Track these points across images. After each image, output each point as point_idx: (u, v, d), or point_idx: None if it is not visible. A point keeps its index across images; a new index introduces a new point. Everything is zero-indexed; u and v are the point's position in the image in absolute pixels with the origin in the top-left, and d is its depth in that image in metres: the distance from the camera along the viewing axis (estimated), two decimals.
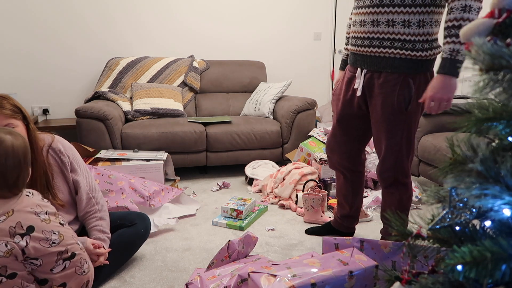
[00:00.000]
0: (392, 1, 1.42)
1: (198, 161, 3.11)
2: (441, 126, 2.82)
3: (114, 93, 3.31)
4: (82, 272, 1.24)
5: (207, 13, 3.95)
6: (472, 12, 1.32)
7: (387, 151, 1.62)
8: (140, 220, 1.81)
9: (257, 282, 1.21)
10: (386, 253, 1.52)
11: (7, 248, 1.06)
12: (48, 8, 3.50)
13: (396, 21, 1.44)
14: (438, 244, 0.82)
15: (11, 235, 1.07)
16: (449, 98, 1.38)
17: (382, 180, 1.71)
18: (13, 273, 1.08)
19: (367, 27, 1.50)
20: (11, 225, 1.08)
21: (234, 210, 2.27)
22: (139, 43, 3.81)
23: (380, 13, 1.45)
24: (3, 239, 1.06)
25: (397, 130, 1.56)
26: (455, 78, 1.36)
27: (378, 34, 1.49)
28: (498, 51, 0.66)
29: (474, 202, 0.68)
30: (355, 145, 1.80)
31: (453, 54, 1.35)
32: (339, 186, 1.95)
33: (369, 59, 1.54)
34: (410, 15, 1.43)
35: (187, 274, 1.72)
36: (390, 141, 1.59)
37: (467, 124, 0.71)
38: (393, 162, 1.63)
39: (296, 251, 1.95)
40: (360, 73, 1.58)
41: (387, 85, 1.51)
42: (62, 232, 1.20)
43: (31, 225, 1.12)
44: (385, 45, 1.48)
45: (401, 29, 1.45)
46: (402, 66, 1.48)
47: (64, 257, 1.18)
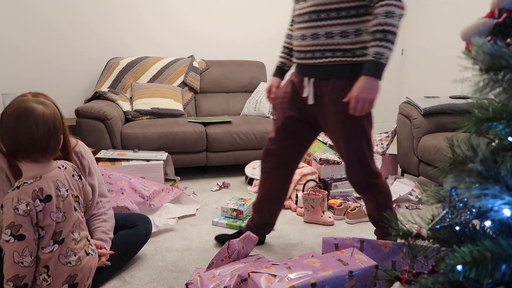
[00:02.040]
0: (328, 14, 1.49)
1: (198, 161, 3.11)
2: (441, 126, 2.82)
3: (114, 93, 3.31)
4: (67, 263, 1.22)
5: (207, 13, 3.95)
6: (394, 18, 1.38)
7: (350, 156, 1.63)
8: (141, 221, 1.81)
9: (257, 282, 1.21)
10: (386, 253, 1.52)
11: (27, 208, 1.13)
12: (48, 8, 3.50)
13: (334, 32, 1.51)
14: (438, 244, 0.82)
15: (33, 198, 1.15)
16: (372, 99, 1.43)
17: (355, 185, 1.70)
18: (22, 235, 1.13)
19: (307, 41, 1.56)
20: (35, 189, 1.16)
21: (234, 210, 2.27)
22: (139, 43, 3.81)
23: (318, 27, 1.52)
24: (26, 200, 1.14)
25: (355, 132, 1.59)
26: (378, 80, 1.41)
27: (319, 46, 1.55)
28: (498, 51, 0.66)
29: (474, 202, 0.68)
30: (296, 150, 1.78)
31: (377, 57, 1.40)
32: (264, 193, 1.87)
33: (315, 68, 1.59)
34: (347, 25, 1.50)
35: (187, 274, 1.72)
36: (351, 145, 1.61)
37: (467, 124, 0.71)
38: (359, 165, 1.64)
39: (296, 251, 1.95)
40: (308, 82, 1.62)
41: (337, 91, 1.55)
42: (67, 215, 1.23)
43: (49, 195, 1.19)
44: (327, 56, 1.54)
45: (340, 39, 1.51)
46: (346, 71, 1.54)
47: (55, 239, 1.21)
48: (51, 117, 1.20)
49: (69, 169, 1.30)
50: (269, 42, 4.20)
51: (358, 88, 1.42)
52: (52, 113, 1.20)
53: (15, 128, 1.14)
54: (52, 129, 1.19)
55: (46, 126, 1.18)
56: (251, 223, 1.97)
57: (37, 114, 1.17)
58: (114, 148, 2.91)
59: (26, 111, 1.16)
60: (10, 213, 1.12)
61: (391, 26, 1.39)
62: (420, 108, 2.84)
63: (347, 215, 2.32)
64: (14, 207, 1.12)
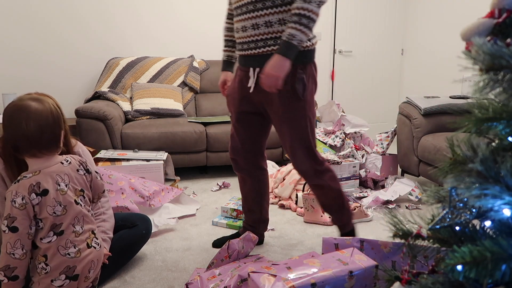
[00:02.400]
0: (264, 4, 1.54)
1: (198, 161, 3.11)
2: (441, 126, 2.82)
3: (114, 93, 3.31)
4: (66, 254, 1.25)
5: (207, 13, 3.95)
6: (311, 3, 1.44)
7: (295, 142, 1.66)
8: (141, 221, 1.81)
9: (257, 282, 1.21)
10: (386, 253, 1.52)
11: (22, 201, 1.18)
12: (48, 8, 3.50)
13: (273, 21, 1.55)
14: (438, 244, 0.82)
15: (29, 192, 1.19)
16: (279, 76, 1.47)
17: (303, 173, 1.72)
18: (15, 227, 1.17)
19: (249, 32, 1.61)
20: (32, 183, 1.20)
21: (234, 210, 2.27)
22: (139, 43, 3.81)
23: (257, 17, 1.56)
24: (22, 193, 1.18)
25: (299, 117, 1.63)
26: (288, 60, 1.46)
27: (261, 35, 1.58)
28: (498, 51, 0.66)
29: (474, 202, 0.68)
30: (257, 141, 1.82)
31: (289, 38, 1.45)
32: (247, 191, 1.92)
33: (259, 58, 1.62)
34: (284, 13, 1.55)
35: (187, 274, 1.72)
36: (295, 131, 1.64)
37: (467, 124, 0.71)
38: (306, 152, 1.68)
39: (296, 251, 1.95)
40: (253, 72, 1.65)
41: None
42: (68, 208, 1.26)
43: (46, 189, 1.22)
44: (269, 44, 1.58)
45: (279, 27, 1.56)
46: None
47: (55, 230, 1.24)
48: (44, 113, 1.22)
49: (74, 163, 1.32)
50: None
51: (269, 66, 1.47)
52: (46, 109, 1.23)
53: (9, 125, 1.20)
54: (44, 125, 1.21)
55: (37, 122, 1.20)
56: (246, 224, 1.99)
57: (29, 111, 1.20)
58: (114, 148, 2.91)
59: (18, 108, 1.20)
60: (8, 205, 1.18)
61: (306, 10, 1.44)
62: (420, 108, 2.84)
63: None
64: (12, 199, 1.17)
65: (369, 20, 4.54)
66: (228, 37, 1.85)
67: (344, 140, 3.14)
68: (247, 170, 1.87)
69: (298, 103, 1.61)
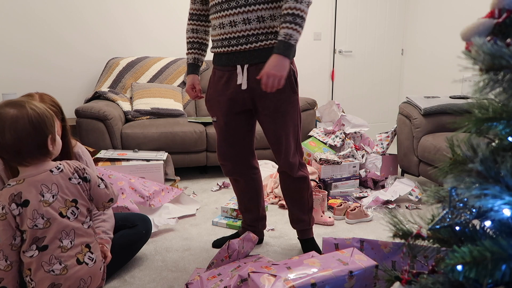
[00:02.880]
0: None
1: (198, 161, 3.11)
2: (441, 126, 2.82)
3: (114, 93, 3.31)
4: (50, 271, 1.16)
5: None
6: (302, 3, 1.48)
7: (289, 134, 1.69)
8: (141, 221, 1.81)
9: (257, 282, 1.21)
10: (386, 253, 1.52)
11: (2, 211, 1.12)
12: (48, 8, 3.50)
13: (265, 16, 1.56)
14: (438, 244, 0.82)
15: (10, 202, 1.12)
16: (281, 76, 1.49)
17: (292, 167, 1.74)
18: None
19: (238, 27, 1.58)
20: (13, 192, 1.13)
21: (234, 210, 2.27)
22: (139, 43, 3.81)
23: (249, 12, 1.56)
24: (3, 203, 1.12)
25: (294, 111, 1.67)
26: (287, 59, 1.49)
27: (252, 30, 1.58)
28: (498, 51, 0.66)
29: (474, 202, 0.68)
30: (246, 141, 1.81)
31: (286, 38, 1.48)
32: (241, 192, 1.92)
33: (249, 53, 1.61)
34: (275, 10, 1.57)
35: (187, 274, 1.72)
36: (290, 124, 1.67)
37: (467, 124, 0.71)
38: (296, 145, 1.73)
39: (296, 251, 1.95)
40: (241, 69, 1.63)
41: None
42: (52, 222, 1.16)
43: (27, 200, 1.14)
44: (261, 39, 1.58)
45: (270, 22, 1.58)
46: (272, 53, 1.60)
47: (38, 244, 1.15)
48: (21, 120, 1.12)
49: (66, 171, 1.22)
50: None
51: (269, 65, 1.48)
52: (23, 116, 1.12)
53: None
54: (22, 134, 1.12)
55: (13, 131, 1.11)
56: (244, 224, 2.00)
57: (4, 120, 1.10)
58: (114, 148, 2.91)
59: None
60: None
61: (299, 10, 1.48)
62: (420, 108, 2.84)
63: (347, 215, 2.32)
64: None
65: (369, 20, 4.54)
66: (192, 39, 1.80)
67: (344, 140, 3.14)
68: (239, 172, 1.86)
69: (294, 96, 1.66)
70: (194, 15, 1.78)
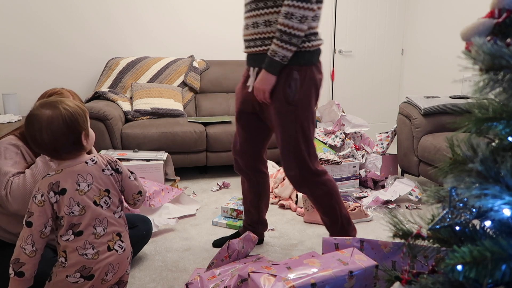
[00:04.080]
0: (266, 3, 1.52)
1: (198, 161, 3.11)
2: (441, 126, 2.82)
3: (114, 93, 3.31)
4: (83, 254, 1.26)
5: (208, 13, 3.95)
6: (293, 19, 1.43)
7: (284, 147, 1.63)
8: (141, 222, 1.82)
9: (257, 282, 1.21)
10: (386, 253, 1.52)
11: (41, 198, 1.20)
12: (48, 8, 3.50)
13: (271, 20, 1.53)
14: (438, 244, 0.82)
15: (48, 190, 1.21)
16: (264, 89, 1.53)
17: (290, 180, 1.69)
18: (29, 222, 1.19)
19: (250, 30, 1.61)
20: (51, 181, 1.22)
21: (234, 210, 2.27)
22: (139, 43, 3.81)
23: (258, 16, 1.56)
24: (42, 190, 1.20)
25: (288, 122, 1.58)
26: (271, 75, 1.51)
27: (259, 34, 1.58)
28: (498, 51, 0.66)
29: (474, 202, 0.68)
30: (256, 143, 1.80)
31: (271, 54, 1.49)
32: (245, 193, 1.94)
33: (257, 57, 1.62)
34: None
35: (187, 274, 1.72)
36: (285, 135, 1.60)
37: (467, 124, 0.71)
38: (294, 159, 1.62)
39: (296, 251, 1.95)
40: (253, 71, 1.65)
41: None
42: (86, 209, 1.26)
43: (64, 188, 1.23)
44: (266, 44, 1.57)
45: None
46: None
47: (74, 230, 1.25)
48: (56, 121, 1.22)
49: (100, 163, 1.32)
50: None
51: (257, 79, 1.55)
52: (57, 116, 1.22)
53: (27, 134, 1.22)
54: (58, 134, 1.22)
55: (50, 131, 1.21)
56: (245, 223, 2.00)
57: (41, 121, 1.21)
58: (114, 148, 2.91)
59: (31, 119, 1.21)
60: (30, 201, 1.21)
61: (287, 27, 1.44)
62: (420, 108, 2.84)
63: None
64: (33, 195, 1.20)
65: (369, 20, 4.54)
66: None
67: (344, 140, 3.14)
68: (245, 172, 1.86)
69: (288, 107, 1.56)
70: None
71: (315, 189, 1.67)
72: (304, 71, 1.55)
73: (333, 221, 1.73)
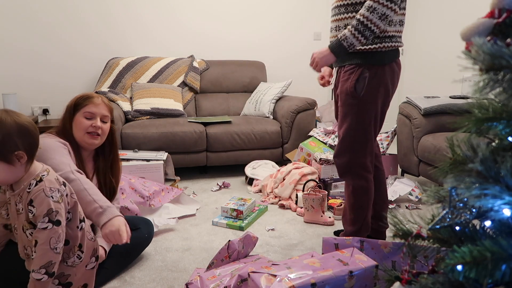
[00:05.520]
0: (346, 8, 1.64)
1: (198, 161, 3.11)
2: (441, 126, 2.81)
3: (114, 93, 3.31)
4: (91, 238, 1.32)
5: (208, 13, 3.95)
6: (374, 14, 1.51)
7: (343, 134, 1.74)
8: (144, 225, 1.83)
9: (257, 282, 1.21)
10: (386, 253, 1.52)
11: (59, 194, 1.19)
12: (48, 8, 3.50)
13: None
14: (438, 244, 0.82)
15: (59, 184, 1.22)
16: (318, 61, 1.65)
17: (337, 166, 1.80)
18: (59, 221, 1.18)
19: (333, 33, 1.74)
20: (55, 177, 1.23)
21: (234, 210, 2.27)
22: (139, 43, 3.81)
23: (340, 20, 1.68)
24: (56, 187, 1.19)
25: (350, 113, 1.71)
26: (332, 54, 1.61)
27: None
28: (498, 51, 0.66)
29: (474, 202, 0.68)
30: None
31: (341, 38, 1.58)
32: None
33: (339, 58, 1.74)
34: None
35: (187, 274, 1.72)
36: (345, 125, 1.73)
37: (467, 124, 0.71)
38: (347, 148, 1.74)
39: (296, 251, 1.95)
40: (335, 71, 1.84)
41: (346, 74, 1.72)
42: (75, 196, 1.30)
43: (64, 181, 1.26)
44: None
45: None
46: (355, 57, 1.68)
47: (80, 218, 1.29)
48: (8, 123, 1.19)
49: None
50: (269, 42, 4.20)
51: (318, 50, 1.65)
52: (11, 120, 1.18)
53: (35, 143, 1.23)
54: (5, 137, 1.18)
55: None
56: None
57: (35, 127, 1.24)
58: None
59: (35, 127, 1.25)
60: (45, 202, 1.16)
61: (366, 18, 1.52)
62: (420, 108, 2.84)
63: None
64: (48, 196, 1.17)
65: None
66: None
67: None
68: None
69: (352, 100, 1.68)
70: None
71: (356, 180, 1.76)
72: (374, 71, 1.65)
73: (355, 221, 1.80)
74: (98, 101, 1.62)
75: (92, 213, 1.33)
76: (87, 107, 1.59)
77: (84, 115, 1.58)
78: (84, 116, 1.58)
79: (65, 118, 1.60)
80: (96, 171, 1.68)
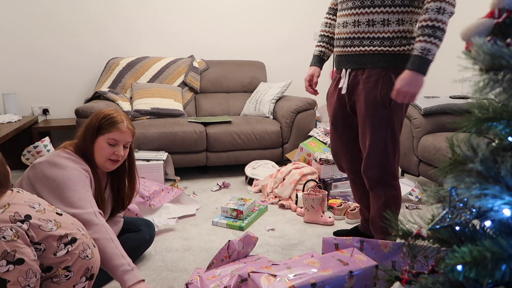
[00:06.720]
0: (372, 2, 1.50)
1: (198, 161, 3.11)
2: (441, 126, 2.82)
3: (114, 93, 3.31)
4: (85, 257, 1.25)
5: (207, 13, 3.95)
6: (445, 14, 1.39)
7: (372, 148, 1.62)
8: (145, 226, 1.83)
9: (257, 282, 1.21)
10: (386, 253, 1.52)
11: (12, 232, 1.10)
12: (48, 8, 3.50)
13: (376, 20, 1.51)
14: (438, 244, 0.82)
15: (13, 221, 1.12)
16: (414, 93, 1.44)
17: (367, 179, 1.69)
18: (20, 259, 1.10)
19: (348, 28, 1.57)
20: (10, 214, 1.14)
21: (234, 210, 2.27)
22: (139, 43, 3.81)
23: (361, 14, 1.52)
24: (7, 225, 1.11)
25: (381, 125, 1.58)
26: (422, 76, 1.43)
27: (359, 33, 1.55)
28: (498, 51, 0.66)
29: (474, 202, 0.68)
30: (354, 145, 1.81)
31: (424, 53, 1.40)
32: (353, 191, 1.95)
33: (352, 58, 1.60)
34: (390, 14, 1.50)
35: (187, 274, 1.72)
36: (374, 137, 1.60)
37: (467, 124, 0.71)
38: (378, 160, 1.63)
39: (296, 251, 1.95)
40: (345, 73, 1.64)
41: (370, 80, 1.57)
42: (58, 220, 1.23)
43: (28, 214, 1.17)
44: (364, 44, 1.55)
45: (380, 27, 1.52)
46: (381, 60, 1.54)
47: (65, 241, 1.21)
48: None
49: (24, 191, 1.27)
50: (269, 42, 4.20)
51: (401, 81, 1.43)
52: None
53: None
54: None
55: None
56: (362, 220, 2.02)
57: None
58: None
59: None
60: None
61: (441, 22, 1.39)
62: (420, 108, 2.84)
63: (347, 215, 2.32)
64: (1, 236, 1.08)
65: None
66: (324, 32, 1.82)
67: None
68: (348, 173, 1.87)
69: (383, 111, 1.56)
70: (332, 9, 1.80)
71: (387, 191, 1.68)
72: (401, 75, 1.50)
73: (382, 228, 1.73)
74: (124, 127, 1.54)
75: (118, 268, 1.29)
76: (112, 134, 1.51)
77: (108, 141, 1.51)
78: (107, 142, 1.51)
79: (86, 137, 1.52)
80: (111, 186, 1.67)
